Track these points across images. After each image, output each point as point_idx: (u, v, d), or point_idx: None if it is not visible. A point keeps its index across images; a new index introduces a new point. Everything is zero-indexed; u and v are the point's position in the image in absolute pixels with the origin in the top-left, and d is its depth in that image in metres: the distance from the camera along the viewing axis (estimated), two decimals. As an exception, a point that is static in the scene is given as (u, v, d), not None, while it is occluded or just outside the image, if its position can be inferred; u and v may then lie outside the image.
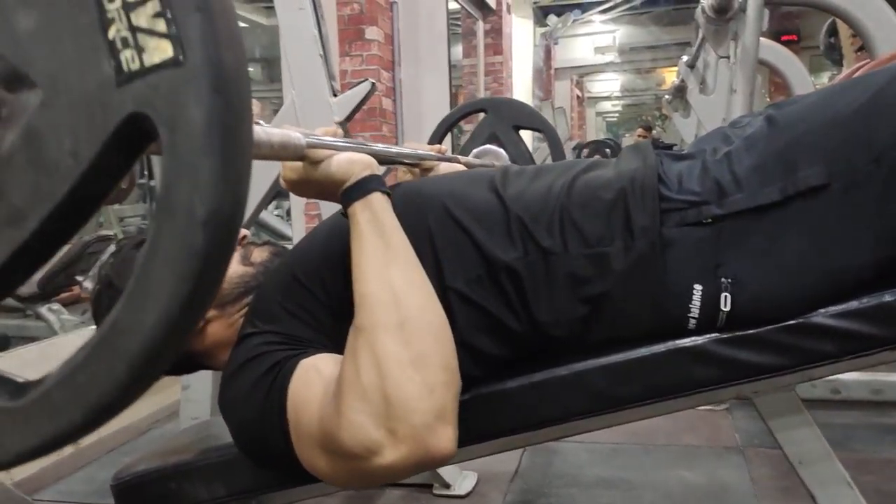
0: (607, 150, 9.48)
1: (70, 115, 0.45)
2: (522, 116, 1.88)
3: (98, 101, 0.44)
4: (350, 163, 0.97)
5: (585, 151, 9.42)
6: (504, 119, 1.82)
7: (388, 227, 0.95)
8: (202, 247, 0.42)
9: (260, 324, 1.02)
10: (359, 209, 0.95)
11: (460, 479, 2.21)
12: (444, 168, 1.42)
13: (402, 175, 1.44)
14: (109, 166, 0.46)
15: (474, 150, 1.76)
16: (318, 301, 1.02)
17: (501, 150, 1.77)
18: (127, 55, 0.43)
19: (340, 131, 1.05)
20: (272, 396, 0.94)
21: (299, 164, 0.95)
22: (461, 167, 1.48)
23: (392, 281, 0.90)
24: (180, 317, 0.43)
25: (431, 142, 1.59)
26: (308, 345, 0.98)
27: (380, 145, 1.14)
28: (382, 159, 1.07)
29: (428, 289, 0.93)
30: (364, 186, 0.96)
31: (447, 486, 2.17)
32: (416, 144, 1.42)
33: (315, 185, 0.97)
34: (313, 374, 0.93)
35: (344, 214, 0.98)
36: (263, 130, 0.80)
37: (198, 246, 0.42)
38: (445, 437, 0.85)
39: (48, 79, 0.46)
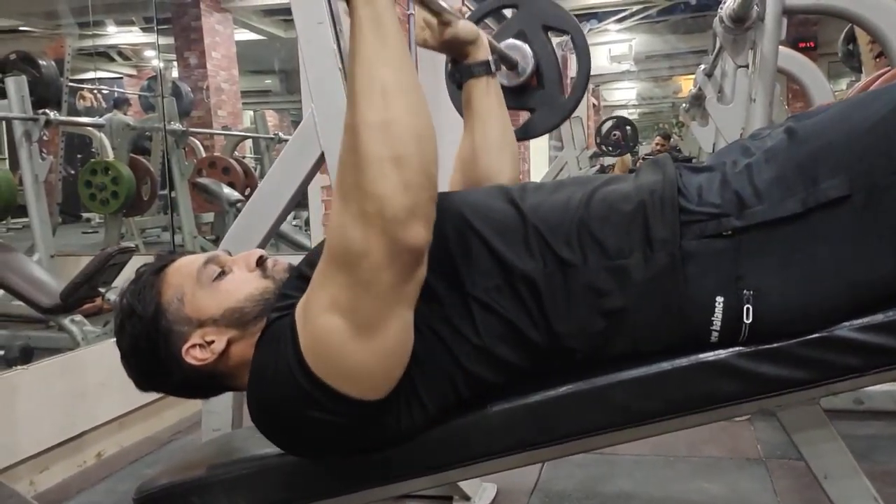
0: (627, 126, 9.51)
1: None
2: (554, 17, 1.81)
3: None
4: None
5: (610, 123, 9.53)
6: (534, 16, 1.76)
7: (387, 26, 0.92)
8: None
9: (271, 316, 1.05)
10: (360, 4, 0.92)
11: (480, 490, 2.21)
12: (463, 27, 1.42)
13: (419, 31, 1.43)
14: None
15: (501, 43, 1.72)
16: None
17: (527, 48, 1.73)
18: None
19: None
20: (283, 335, 0.98)
21: None
22: (482, 32, 1.48)
23: (383, 80, 0.89)
24: None
25: None
26: None
27: None
28: None
29: (418, 93, 0.93)
30: None
31: (467, 498, 2.16)
32: None
33: None
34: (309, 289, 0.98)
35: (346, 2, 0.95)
36: None
37: None
38: (415, 230, 0.88)
39: None
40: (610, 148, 9.60)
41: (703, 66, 4.04)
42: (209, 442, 1.74)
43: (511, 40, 1.73)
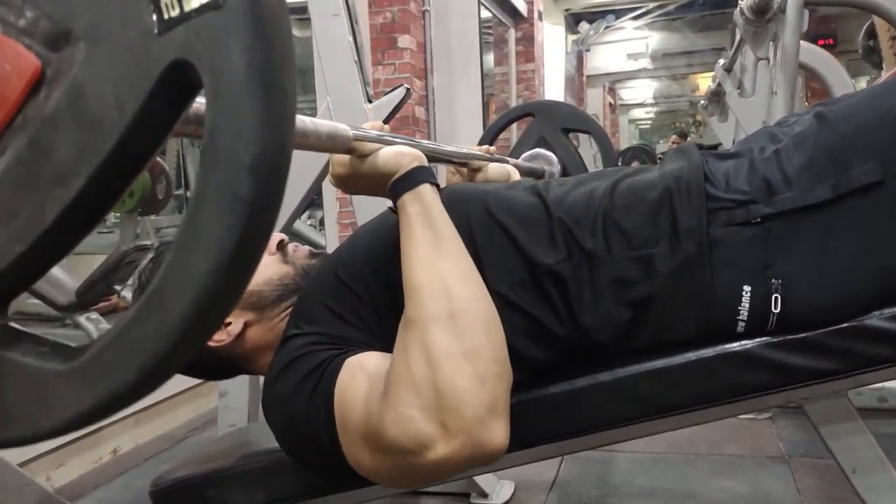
0: (644, 156, 9.48)
1: (113, 68, 0.44)
2: (571, 119, 1.86)
3: (140, 50, 0.43)
4: (398, 155, 0.96)
5: (629, 153, 9.51)
6: (552, 122, 1.80)
7: (438, 219, 0.93)
8: (248, 193, 0.41)
9: (304, 325, 1.01)
10: (408, 201, 0.94)
11: (498, 487, 2.19)
12: (493, 169, 1.41)
13: (449, 176, 1.43)
14: (155, 118, 0.45)
15: (524, 154, 1.74)
16: (362, 301, 1.01)
17: (551, 154, 1.75)
18: (167, 2, 0.42)
19: (387, 127, 1.04)
20: (318, 395, 0.93)
21: (346, 158, 0.95)
22: (511, 168, 1.47)
23: (443, 273, 0.89)
24: (230, 266, 0.42)
25: (480, 144, 1.58)
26: (353, 344, 0.97)
27: (427, 142, 1.13)
28: (430, 156, 1.05)
29: (478, 280, 0.92)
30: (414, 178, 0.95)
31: (485, 494, 2.15)
32: (464, 145, 1.41)
33: (363, 180, 0.97)
34: (359, 372, 0.92)
35: (393, 210, 0.97)
36: (311, 121, 0.80)
37: (244, 193, 0.41)
38: (498, 430, 0.84)
39: (90, 32, 0.45)
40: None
41: (721, 62, 4.00)
42: (224, 436, 1.73)
43: (535, 150, 1.76)
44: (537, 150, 1.77)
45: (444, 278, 0.89)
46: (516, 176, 1.49)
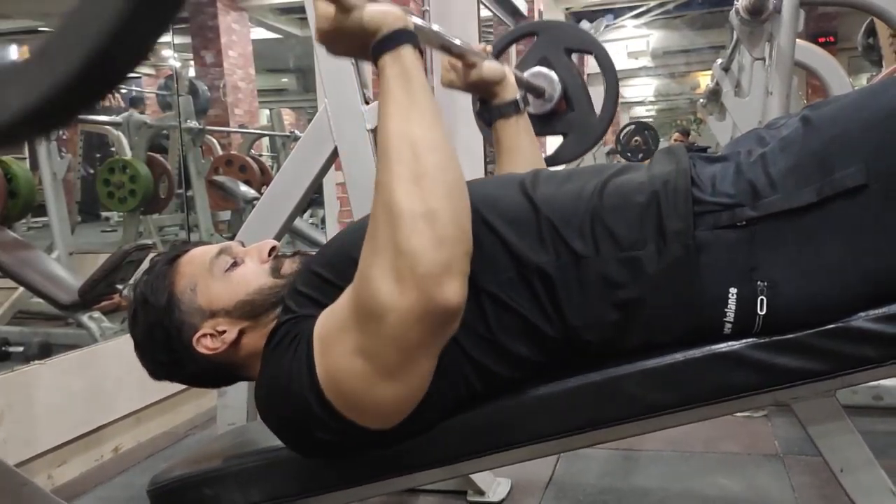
0: (646, 131, 9.49)
1: None
2: (574, 39, 1.81)
3: None
4: (383, 14, 0.96)
5: (631, 129, 9.50)
6: (556, 42, 1.75)
7: (416, 83, 0.94)
8: None
9: (285, 314, 1.05)
10: (388, 62, 0.95)
11: (494, 485, 2.20)
12: (487, 66, 1.43)
13: (444, 73, 1.43)
14: None
15: (526, 73, 1.72)
16: (333, 287, 1.03)
17: (553, 74, 1.72)
18: None
19: None
20: (299, 349, 0.97)
21: (332, 11, 0.94)
22: (507, 69, 1.49)
23: (413, 137, 0.91)
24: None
25: None
26: None
27: (423, 22, 1.08)
28: (426, 39, 1.04)
29: (448, 148, 0.94)
30: (396, 39, 0.95)
31: (481, 492, 2.16)
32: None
33: (346, 37, 0.96)
34: (328, 308, 0.98)
35: (374, 64, 0.97)
36: None
37: None
38: (451, 289, 0.87)
39: None
40: (630, 154, 9.56)
41: (720, 61, 4.01)
42: (223, 435, 1.74)
43: (536, 68, 1.73)
44: (538, 68, 1.74)
45: (413, 143, 0.91)
46: (511, 77, 1.50)
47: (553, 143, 1.96)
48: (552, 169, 1.18)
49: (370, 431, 1.00)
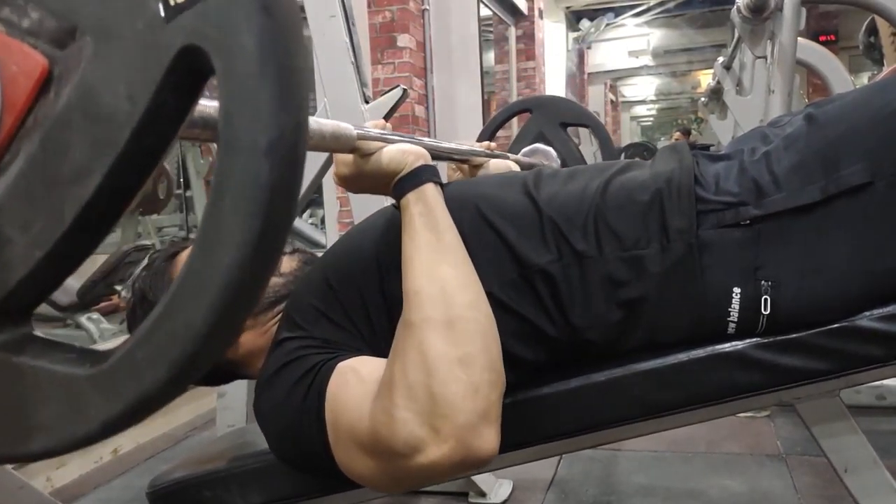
0: (645, 153, 9.50)
1: (122, 60, 0.44)
2: (569, 113, 1.84)
3: (148, 40, 0.43)
4: (402, 153, 0.96)
5: (630, 151, 9.52)
6: (550, 117, 1.78)
7: (441, 220, 0.94)
8: (267, 177, 0.40)
9: (295, 328, 1.01)
10: (412, 200, 0.94)
11: (496, 486, 2.19)
12: (494, 165, 1.42)
13: (450, 174, 1.43)
14: (167, 108, 0.44)
15: (523, 150, 1.74)
16: (353, 306, 1.01)
17: (550, 149, 1.74)
18: None
19: (389, 125, 1.04)
20: (310, 400, 0.93)
21: (350, 157, 0.95)
22: (512, 164, 1.47)
23: (443, 277, 0.89)
24: (255, 255, 0.41)
25: (480, 141, 1.58)
26: (343, 348, 0.98)
27: (428, 140, 1.12)
28: (432, 154, 1.05)
29: (478, 287, 0.92)
30: (418, 177, 0.95)
31: (483, 494, 2.15)
32: (465, 142, 1.41)
33: (367, 179, 0.96)
34: (351, 376, 0.92)
35: (396, 207, 0.98)
36: (315, 121, 0.80)
37: (263, 177, 0.40)
38: (488, 437, 0.84)
39: (96, 27, 0.45)
40: None
41: (721, 59, 4.00)
42: (222, 437, 1.74)
43: (534, 145, 1.75)
44: (536, 145, 1.77)
45: (444, 283, 0.89)
46: (516, 170, 1.49)
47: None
48: (554, 168, 1.17)
49: None
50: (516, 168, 1.49)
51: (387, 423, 0.85)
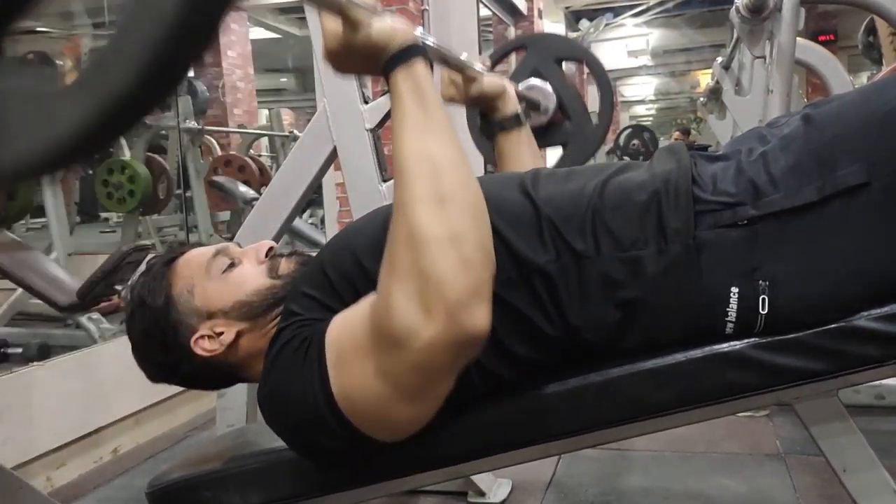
0: (645, 133, 9.50)
1: None
2: (564, 49, 1.81)
3: None
4: (393, 29, 0.94)
5: (629, 132, 9.52)
6: (545, 53, 1.76)
7: (430, 98, 0.92)
8: None
9: (291, 317, 1.03)
10: (401, 77, 0.92)
11: (495, 486, 2.20)
12: (488, 80, 1.42)
13: (444, 89, 1.42)
14: None
15: (520, 84, 1.72)
16: (347, 293, 1.01)
17: (546, 86, 1.72)
18: None
19: (381, 6, 1.01)
20: (310, 355, 0.94)
21: (339, 29, 0.93)
22: (507, 82, 1.48)
23: (433, 155, 0.88)
24: None
25: None
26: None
27: (424, 33, 1.06)
28: (430, 55, 1.03)
29: (468, 167, 0.91)
30: (407, 53, 0.93)
31: (482, 493, 2.15)
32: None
33: (355, 54, 0.94)
34: (348, 311, 0.95)
35: (385, 90, 0.96)
36: None
37: None
38: (480, 314, 0.85)
39: None
40: (629, 157, 9.59)
41: (720, 59, 4.00)
42: (222, 436, 1.74)
43: (529, 81, 1.73)
44: (532, 81, 1.74)
45: (433, 161, 0.88)
46: (511, 89, 1.49)
47: (553, 155, 1.95)
48: (552, 168, 1.17)
49: (380, 441, 0.99)
50: (511, 88, 1.49)
51: (381, 310, 0.87)
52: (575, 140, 1.73)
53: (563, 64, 1.77)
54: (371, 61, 0.94)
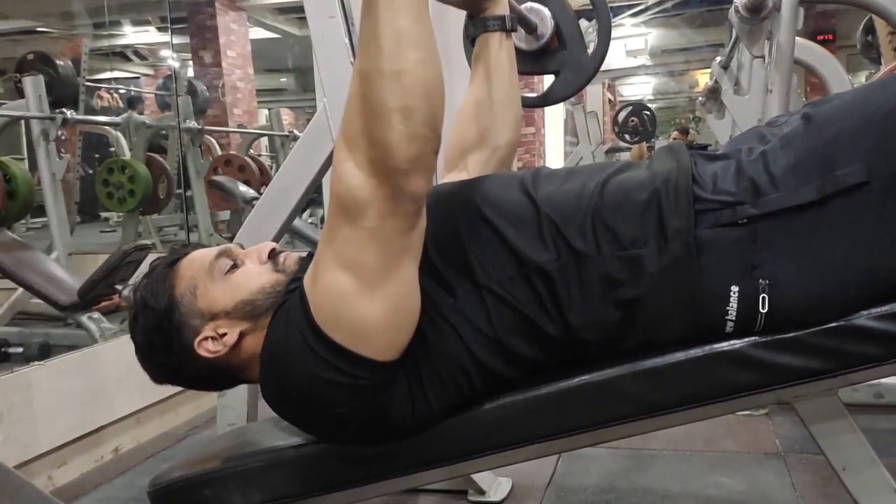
0: (645, 112, 9.48)
1: None
2: None
3: None
4: None
5: (629, 109, 9.50)
6: None
7: None
8: None
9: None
10: None
11: (495, 485, 2.20)
12: None
13: None
14: None
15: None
16: None
17: (545, 10, 1.70)
18: None
19: None
20: (292, 303, 0.99)
21: None
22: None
23: (398, 28, 0.89)
24: None
25: None
26: None
27: None
28: None
29: (432, 44, 0.92)
30: None
31: (482, 492, 2.16)
32: None
33: None
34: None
35: None
36: None
37: None
38: (416, 181, 0.90)
39: None
40: (628, 136, 9.58)
41: (719, 59, 4.00)
42: (223, 435, 1.74)
43: (528, 3, 1.71)
44: (530, 3, 1.72)
45: (398, 35, 0.89)
46: None
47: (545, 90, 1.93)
48: (552, 168, 1.17)
49: (373, 366, 0.97)
50: None
51: (336, 180, 0.92)
52: (568, 69, 1.70)
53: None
54: None
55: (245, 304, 1.08)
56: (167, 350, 1.09)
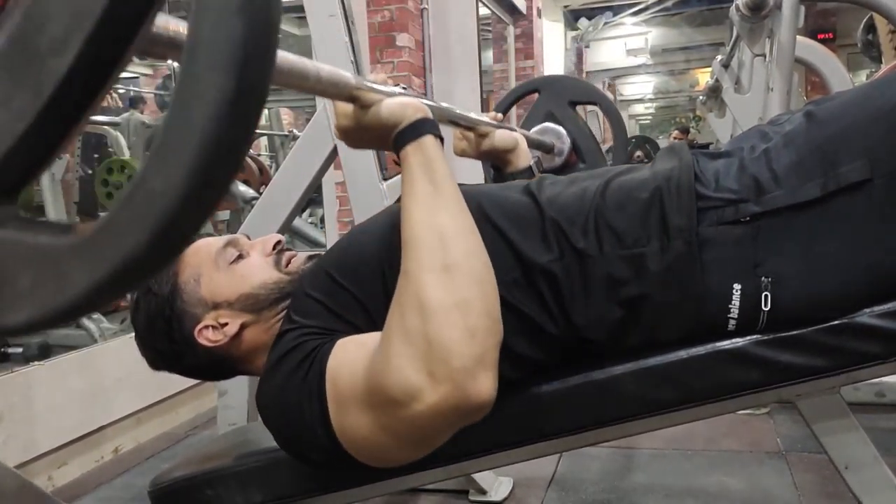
0: (647, 145, 9.50)
1: None
2: (577, 92, 1.83)
3: None
4: (402, 106, 0.96)
5: (632, 142, 9.54)
6: (558, 96, 1.77)
7: (439, 171, 0.94)
8: (241, 34, 0.40)
9: (296, 319, 1.02)
10: (411, 152, 0.95)
11: (496, 484, 2.20)
12: (500, 135, 1.42)
13: (456, 142, 1.43)
14: None
15: (533, 129, 1.73)
16: (354, 299, 1.01)
17: (560, 128, 1.73)
18: None
19: (391, 81, 1.04)
20: (310, 379, 0.94)
21: (350, 109, 0.95)
22: (518, 135, 1.48)
23: (440, 226, 0.90)
24: (232, 112, 0.40)
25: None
26: (343, 335, 0.98)
27: (434, 102, 1.11)
28: (438, 117, 1.05)
29: (475, 235, 0.93)
30: (417, 129, 0.96)
31: (483, 491, 2.15)
32: (472, 111, 1.41)
33: (366, 131, 0.97)
34: (351, 345, 0.94)
35: (396, 162, 0.98)
36: (314, 64, 0.79)
37: (237, 34, 0.39)
38: (484, 383, 0.84)
39: None
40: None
41: (719, 57, 4.00)
42: (223, 435, 1.74)
43: (544, 124, 1.74)
44: (546, 124, 1.75)
45: (441, 231, 0.89)
46: (523, 143, 1.49)
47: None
48: (554, 177, 1.17)
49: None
50: (523, 141, 1.50)
51: (384, 370, 0.86)
52: None
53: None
54: (382, 138, 0.97)
55: (248, 297, 1.08)
56: (167, 337, 1.09)
